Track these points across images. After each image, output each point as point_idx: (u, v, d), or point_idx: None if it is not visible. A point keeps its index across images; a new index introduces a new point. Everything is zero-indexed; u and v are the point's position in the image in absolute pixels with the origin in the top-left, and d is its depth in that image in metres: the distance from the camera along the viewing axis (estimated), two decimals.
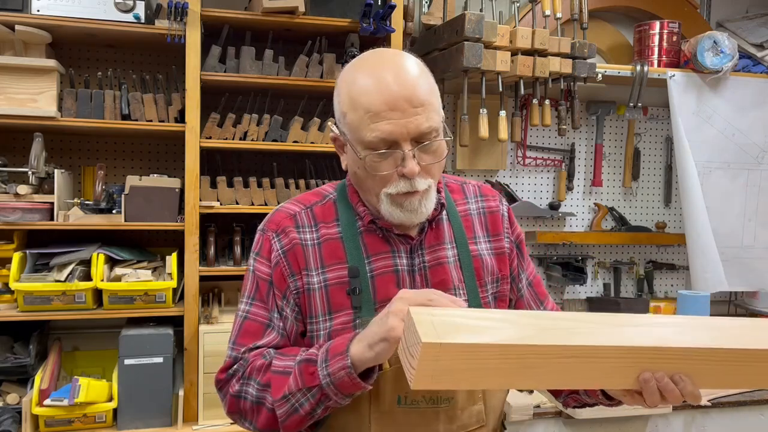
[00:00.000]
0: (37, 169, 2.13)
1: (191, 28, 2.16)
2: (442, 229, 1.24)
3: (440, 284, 1.19)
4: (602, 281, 3.07)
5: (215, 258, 2.30)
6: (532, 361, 0.91)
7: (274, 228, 1.20)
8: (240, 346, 1.17)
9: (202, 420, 2.16)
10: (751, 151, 2.90)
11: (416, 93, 1.07)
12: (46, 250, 2.18)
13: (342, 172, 2.51)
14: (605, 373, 0.98)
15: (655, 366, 0.98)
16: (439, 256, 1.21)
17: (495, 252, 1.28)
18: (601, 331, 0.97)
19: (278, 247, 1.18)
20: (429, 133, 1.08)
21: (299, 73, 2.32)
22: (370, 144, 1.07)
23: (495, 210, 1.31)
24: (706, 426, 2.33)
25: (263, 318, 1.18)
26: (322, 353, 1.05)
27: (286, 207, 1.24)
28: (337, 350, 1.03)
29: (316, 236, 1.19)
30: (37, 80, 2.10)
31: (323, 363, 1.03)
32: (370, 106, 1.06)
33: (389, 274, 1.17)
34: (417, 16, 2.71)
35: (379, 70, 1.09)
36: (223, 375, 1.18)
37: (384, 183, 1.11)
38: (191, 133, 2.19)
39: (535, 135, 2.96)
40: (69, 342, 2.40)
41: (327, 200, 1.24)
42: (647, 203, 3.15)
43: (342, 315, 1.15)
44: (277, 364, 1.10)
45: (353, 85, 1.10)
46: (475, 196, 1.32)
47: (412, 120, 1.06)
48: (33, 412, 1.99)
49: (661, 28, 2.80)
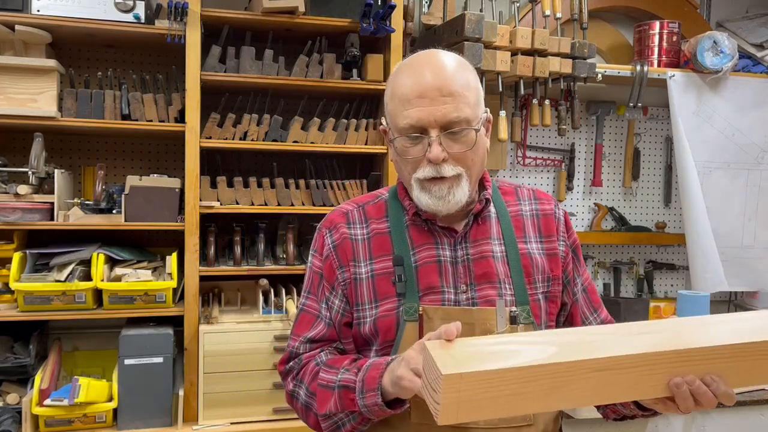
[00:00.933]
0: (37, 169, 2.13)
1: (191, 28, 2.16)
2: (489, 225, 1.27)
3: (483, 276, 1.22)
4: (602, 281, 3.07)
5: (215, 258, 2.30)
6: (556, 380, 0.90)
7: (328, 225, 1.30)
8: (296, 336, 1.28)
9: (202, 420, 2.16)
10: (751, 151, 2.90)
11: (447, 83, 1.14)
12: (46, 250, 2.18)
13: (341, 172, 2.53)
14: (634, 384, 0.95)
15: (684, 370, 0.96)
16: (483, 250, 1.24)
17: (547, 253, 1.28)
18: (621, 341, 0.95)
19: (329, 242, 1.27)
20: (457, 122, 1.14)
21: (299, 73, 2.32)
22: (402, 129, 1.16)
23: (549, 213, 1.32)
24: (706, 426, 2.33)
25: (314, 310, 1.27)
26: (359, 383, 1.11)
27: (341, 206, 1.34)
28: (371, 385, 1.09)
29: (366, 231, 1.27)
30: (37, 80, 2.10)
31: (360, 393, 1.10)
32: (403, 94, 1.15)
33: (432, 264, 1.22)
34: (417, 16, 2.71)
35: (419, 64, 1.18)
36: (282, 367, 1.29)
37: (414, 168, 1.17)
38: (191, 133, 2.19)
39: (535, 135, 2.96)
40: (69, 342, 2.40)
41: (379, 200, 1.33)
42: (647, 203, 3.15)
43: (387, 302, 1.21)
44: (323, 377, 1.18)
45: (395, 78, 1.20)
46: (529, 199, 1.34)
47: (439, 108, 1.12)
48: (33, 412, 1.99)
49: (661, 28, 2.80)
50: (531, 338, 0.96)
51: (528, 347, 0.92)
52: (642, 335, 0.97)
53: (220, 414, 2.16)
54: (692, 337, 0.98)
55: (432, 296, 1.20)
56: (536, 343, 0.93)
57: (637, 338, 0.97)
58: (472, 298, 1.21)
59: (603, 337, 0.97)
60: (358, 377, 1.11)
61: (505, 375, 0.87)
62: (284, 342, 2.18)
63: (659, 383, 0.97)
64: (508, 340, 0.96)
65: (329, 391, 1.15)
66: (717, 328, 1.02)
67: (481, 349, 0.91)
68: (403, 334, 1.18)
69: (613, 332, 0.99)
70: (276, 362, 2.17)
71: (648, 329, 1.00)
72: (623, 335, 0.98)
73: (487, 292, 1.21)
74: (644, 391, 0.98)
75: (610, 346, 0.94)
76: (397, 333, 1.19)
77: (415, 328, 1.18)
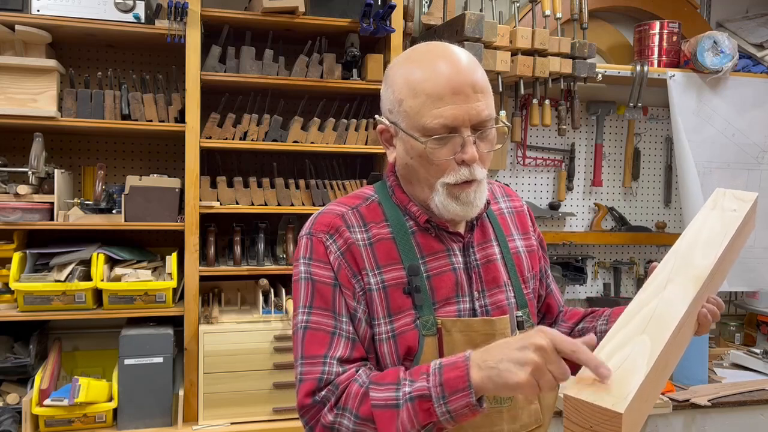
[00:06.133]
0: (37, 169, 2.13)
1: (191, 28, 2.16)
2: (487, 226, 1.24)
3: (492, 281, 1.19)
4: (602, 281, 3.07)
5: (215, 258, 2.30)
6: (663, 362, 0.94)
7: (325, 230, 1.14)
8: (313, 359, 1.08)
9: (202, 420, 2.16)
10: (751, 151, 2.90)
11: (477, 79, 1.08)
12: (46, 250, 2.18)
13: (341, 172, 2.53)
14: (689, 329, 1.07)
15: (704, 298, 1.11)
16: (488, 254, 1.21)
17: (527, 249, 1.29)
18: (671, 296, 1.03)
19: (335, 248, 1.13)
20: (488, 121, 1.09)
21: (299, 73, 2.32)
22: (431, 130, 1.06)
23: (520, 209, 1.33)
24: (706, 426, 2.33)
25: (328, 326, 1.10)
26: (436, 389, 0.97)
27: (330, 209, 1.19)
28: (457, 386, 0.96)
29: (367, 236, 1.15)
30: (37, 80, 2.10)
31: (440, 399, 0.96)
32: (434, 91, 1.06)
33: (447, 274, 1.15)
34: (417, 16, 2.71)
35: (438, 59, 1.09)
36: (308, 399, 1.07)
37: (441, 172, 1.09)
38: (191, 133, 2.19)
39: (535, 135, 2.96)
40: (69, 342, 2.40)
41: (370, 201, 1.20)
42: (647, 203, 3.15)
43: (403, 316, 1.12)
44: (376, 396, 1.01)
45: (412, 74, 1.09)
46: (503, 195, 1.33)
47: (474, 106, 1.06)
48: (33, 412, 1.99)
49: (661, 28, 2.80)
50: (616, 340, 0.96)
51: (629, 349, 0.93)
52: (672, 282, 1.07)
53: (220, 414, 2.16)
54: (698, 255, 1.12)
55: (447, 307, 1.14)
56: (628, 343, 0.95)
57: (672, 288, 1.05)
58: (485, 305, 1.17)
59: (654, 302, 1.03)
60: (431, 383, 0.97)
61: (647, 384, 0.89)
62: (285, 342, 2.18)
63: (695, 318, 1.10)
64: (607, 352, 0.94)
65: (392, 410, 0.99)
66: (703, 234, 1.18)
67: (611, 369, 0.90)
68: (423, 350, 1.10)
69: (654, 293, 1.05)
70: (276, 363, 2.17)
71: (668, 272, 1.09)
72: (662, 291, 1.05)
73: (497, 297, 1.19)
74: (692, 331, 1.11)
75: (670, 307, 1.01)
76: (418, 349, 1.10)
77: (434, 343, 1.11)
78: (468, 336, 1.13)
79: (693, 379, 2.44)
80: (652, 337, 0.94)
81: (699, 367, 2.47)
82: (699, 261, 1.11)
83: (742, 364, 2.68)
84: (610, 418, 0.83)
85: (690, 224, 1.22)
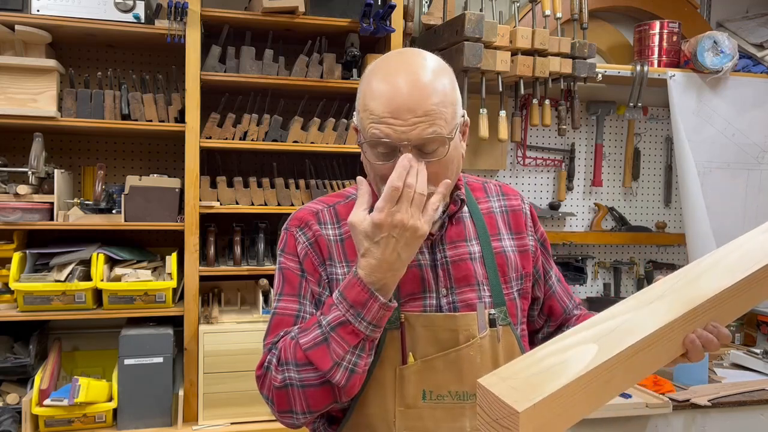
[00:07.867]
0: (37, 169, 2.13)
1: (191, 28, 2.16)
2: (464, 225, 1.24)
3: (463, 279, 1.19)
4: (602, 281, 3.07)
5: (215, 258, 2.30)
6: (607, 375, 0.90)
7: (297, 224, 1.23)
8: (271, 342, 1.17)
9: (202, 420, 2.16)
10: (751, 151, 2.90)
11: (422, 102, 1.06)
12: (46, 250, 2.18)
13: (341, 172, 2.53)
14: (664, 352, 0.99)
15: (697, 324, 1.00)
16: (460, 252, 1.21)
17: (518, 249, 1.28)
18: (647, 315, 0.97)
19: (304, 240, 1.21)
20: (432, 141, 1.07)
21: (299, 73, 2.32)
22: (371, 143, 1.10)
23: (517, 208, 1.32)
24: (706, 426, 2.33)
25: (292, 310, 1.18)
26: (348, 311, 1.05)
27: (309, 206, 1.27)
28: (362, 299, 1.05)
29: (339, 233, 1.21)
30: (37, 80, 2.10)
31: (357, 317, 1.05)
32: (375, 109, 1.07)
33: (413, 269, 1.16)
34: (417, 16, 2.71)
35: (393, 74, 1.09)
36: (259, 370, 1.16)
37: (382, 180, 1.10)
38: (191, 133, 2.19)
39: (535, 135, 2.96)
40: (69, 342, 2.40)
41: (350, 199, 1.25)
42: (647, 203, 3.15)
43: None
44: (304, 341, 1.08)
45: (369, 85, 1.11)
46: (497, 194, 1.33)
47: (413, 128, 1.05)
48: (33, 412, 1.99)
49: (661, 28, 2.80)
50: (564, 342, 0.94)
51: (571, 353, 0.91)
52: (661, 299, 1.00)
53: (220, 414, 2.16)
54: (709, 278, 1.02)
55: (413, 302, 1.17)
56: (574, 346, 0.92)
57: (657, 305, 0.99)
58: (453, 302, 1.18)
59: (628, 315, 0.98)
60: (343, 309, 1.06)
61: (568, 390, 0.86)
62: None
63: (678, 343, 1.01)
64: (546, 352, 0.93)
65: (321, 345, 1.07)
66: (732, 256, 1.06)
67: (532, 371, 0.89)
68: (385, 343, 1.14)
69: (634, 306, 0.99)
70: None
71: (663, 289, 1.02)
72: (644, 305, 0.99)
73: (467, 296, 1.19)
74: (669, 355, 1.01)
75: (641, 324, 0.95)
76: (379, 343, 1.13)
77: (396, 337, 1.15)
78: (431, 330, 1.15)
79: (693, 379, 2.44)
80: (601, 349, 0.91)
81: (699, 367, 2.47)
82: (704, 284, 1.02)
83: (742, 364, 2.68)
84: (509, 415, 0.83)
85: (729, 243, 1.10)
